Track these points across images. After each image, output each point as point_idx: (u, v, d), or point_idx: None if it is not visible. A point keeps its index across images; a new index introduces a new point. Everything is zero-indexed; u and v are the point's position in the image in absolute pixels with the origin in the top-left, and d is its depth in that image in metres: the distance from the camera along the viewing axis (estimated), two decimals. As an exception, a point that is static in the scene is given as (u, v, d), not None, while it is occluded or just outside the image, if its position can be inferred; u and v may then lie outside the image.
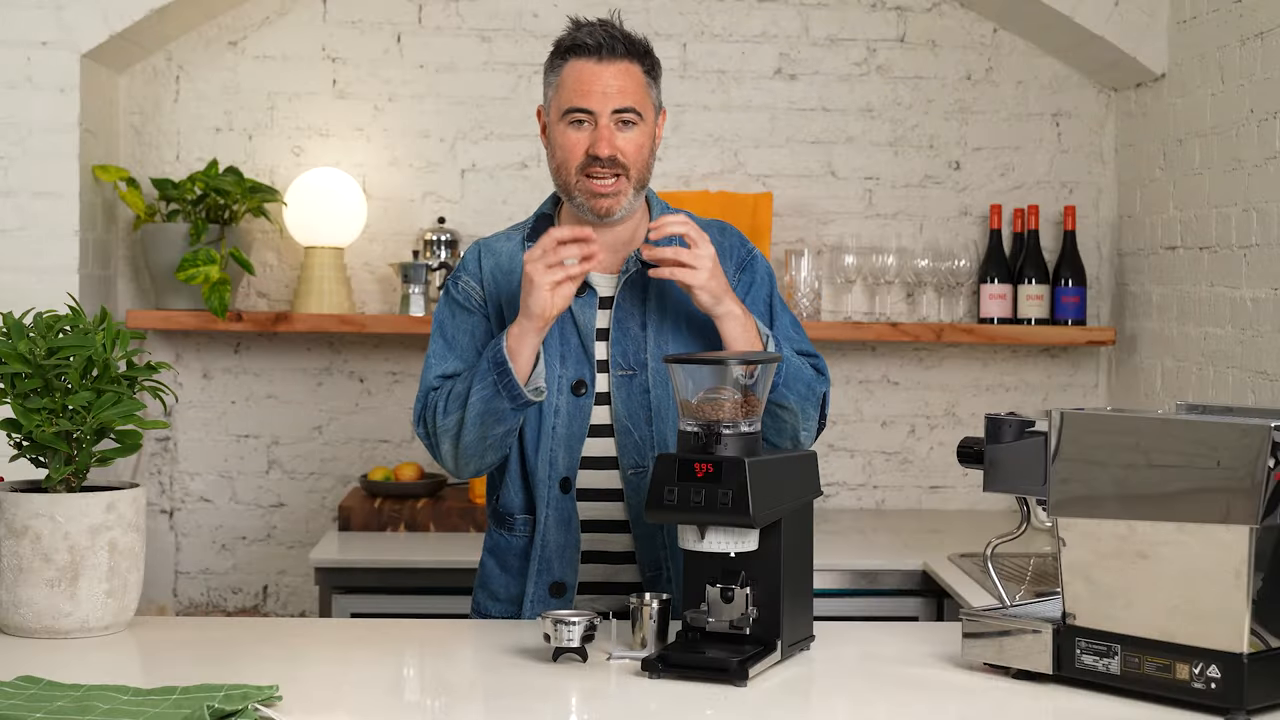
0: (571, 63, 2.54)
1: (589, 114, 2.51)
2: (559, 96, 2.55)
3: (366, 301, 4.16)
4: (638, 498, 2.54)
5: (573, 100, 2.52)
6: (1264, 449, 1.90)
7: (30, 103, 3.75)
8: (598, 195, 2.52)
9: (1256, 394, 3.36)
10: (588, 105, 2.51)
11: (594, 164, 2.51)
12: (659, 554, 2.57)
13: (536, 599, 2.58)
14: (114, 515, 2.33)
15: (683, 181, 4.19)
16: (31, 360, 2.29)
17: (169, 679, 2.05)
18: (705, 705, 2.03)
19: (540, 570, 2.58)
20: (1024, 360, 4.28)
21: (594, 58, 2.52)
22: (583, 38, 2.53)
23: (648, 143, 2.56)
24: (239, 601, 4.17)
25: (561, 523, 2.57)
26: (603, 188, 2.52)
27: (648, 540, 2.57)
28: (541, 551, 2.58)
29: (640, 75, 2.56)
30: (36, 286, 3.70)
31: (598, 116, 2.51)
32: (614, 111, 2.51)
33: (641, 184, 2.57)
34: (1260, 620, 1.95)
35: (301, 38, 4.14)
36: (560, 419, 2.56)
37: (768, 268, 2.68)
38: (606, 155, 2.50)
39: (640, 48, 2.56)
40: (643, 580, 2.58)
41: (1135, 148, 4.10)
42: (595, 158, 2.50)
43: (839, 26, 4.21)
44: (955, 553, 3.49)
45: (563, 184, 2.57)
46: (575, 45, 2.53)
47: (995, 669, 2.18)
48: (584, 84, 2.52)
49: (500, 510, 2.64)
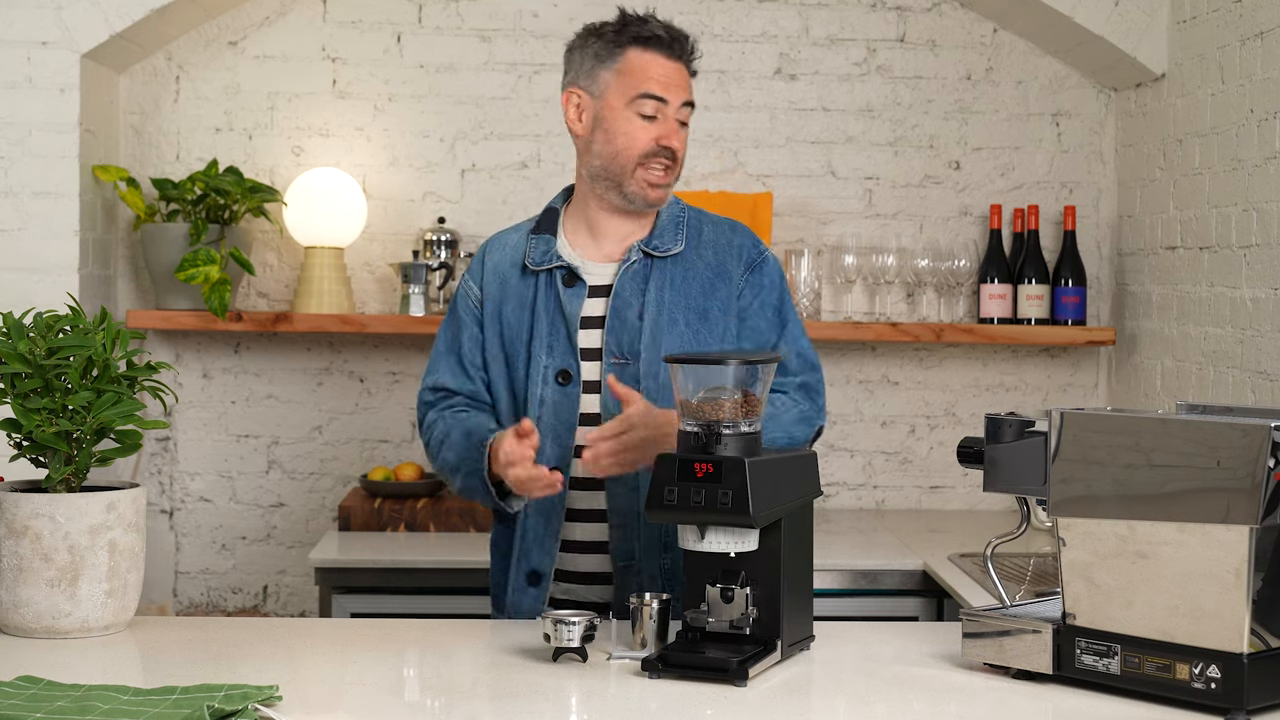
0: (639, 51, 2.58)
1: (663, 103, 2.57)
2: (624, 81, 2.58)
3: (366, 301, 4.16)
4: (618, 488, 2.57)
5: (650, 87, 2.56)
6: (1264, 449, 1.90)
7: (30, 103, 3.75)
8: (655, 186, 2.59)
9: (1256, 394, 3.36)
10: (666, 95, 2.57)
11: (661, 154, 2.58)
12: (632, 545, 2.58)
13: (516, 587, 2.63)
14: (114, 515, 2.33)
15: (683, 181, 4.18)
16: (31, 360, 2.29)
17: (169, 679, 2.05)
18: (705, 705, 2.03)
19: (520, 559, 2.63)
20: (1024, 360, 4.28)
21: (666, 52, 2.59)
22: (655, 30, 2.59)
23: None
24: (239, 601, 4.17)
25: (543, 512, 2.61)
26: (659, 179, 2.59)
27: (622, 532, 2.58)
28: (522, 541, 2.62)
29: (689, 76, 2.64)
30: (36, 286, 3.70)
31: (669, 109, 2.57)
32: (681, 104, 2.60)
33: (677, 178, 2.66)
34: (1260, 620, 1.95)
35: (301, 38, 4.14)
36: (546, 409, 2.58)
37: (779, 271, 2.69)
38: (677, 147, 2.59)
39: (693, 53, 2.65)
40: (613, 571, 2.60)
41: (1135, 148, 4.10)
42: (665, 148, 2.57)
43: (839, 26, 4.21)
44: (955, 553, 3.49)
45: (617, 170, 2.60)
46: (648, 36, 2.58)
47: (995, 669, 2.18)
48: (657, 74, 2.57)
49: None
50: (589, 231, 2.66)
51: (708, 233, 2.67)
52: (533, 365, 2.58)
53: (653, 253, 2.61)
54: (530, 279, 2.64)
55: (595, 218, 2.65)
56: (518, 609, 2.62)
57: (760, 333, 2.64)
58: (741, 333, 2.62)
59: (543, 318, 2.59)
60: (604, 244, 2.65)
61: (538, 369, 2.58)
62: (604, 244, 2.65)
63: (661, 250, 2.61)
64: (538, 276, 2.64)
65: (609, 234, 2.64)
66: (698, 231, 2.66)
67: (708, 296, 2.61)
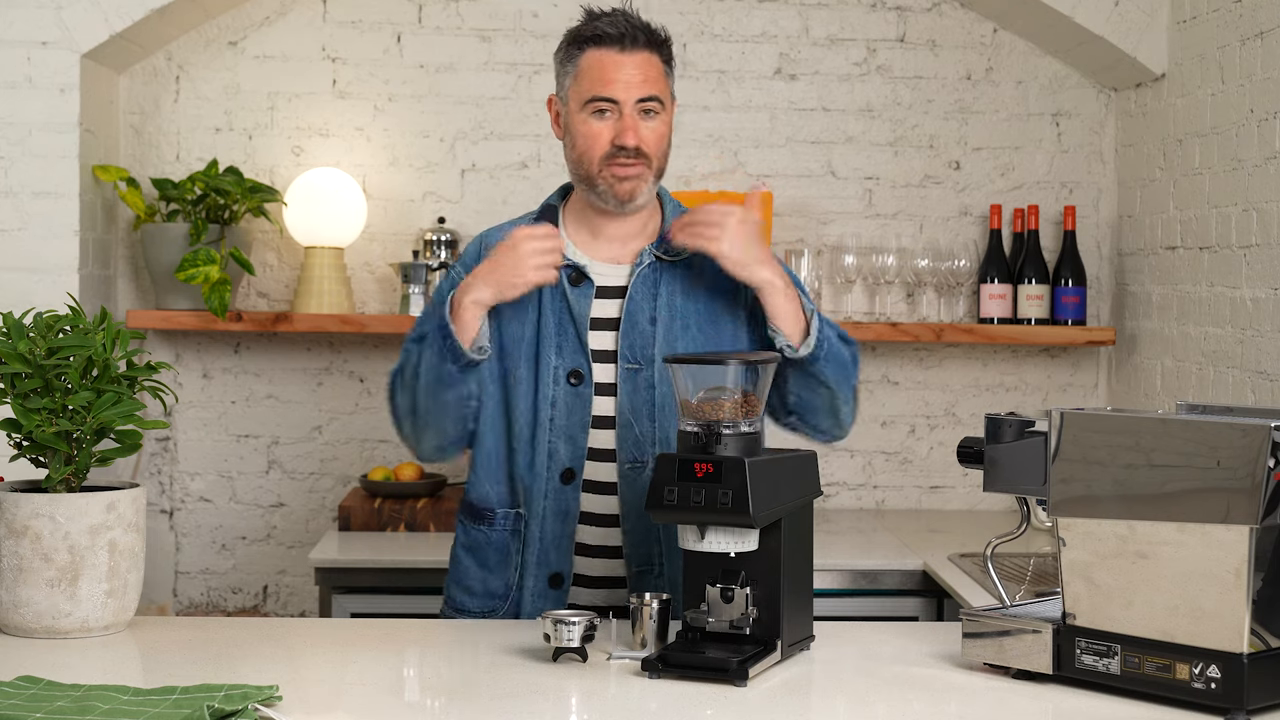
0: (592, 51, 2.53)
1: (613, 104, 2.52)
2: (579, 85, 2.54)
3: (366, 301, 4.16)
4: (631, 493, 2.54)
5: (596, 89, 2.52)
6: (1264, 449, 1.90)
7: (30, 103, 3.75)
8: (622, 179, 2.53)
9: (1256, 394, 3.36)
10: (613, 95, 2.51)
11: (619, 154, 2.52)
12: (650, 549, 2.56)
13: (536, 592, 2.58)
14: (114, 515, 2.33)
15: (683, 181, 4.18)
16: (31, 360, 2.28)
17: (169, 679, 2.05)
18: (705, 705, 2.03)
19: (540, 562, 2.58)
20: (1024, 360, 4.28)
21: (616, 47, 2.52)
22: (604, 27, 2.53)
23: (667, 132, 2.58)
24: (239, 601, 4.17)
25: (559, 514, 2.57)
26: (625, 172, 2.53)
27: (638, 535, 2.56)
28: (540, 544, 2.57)
29: (660, 64, 2.56)
30: (36, 286, 3.70)
31: (622, 106, 2.52)
32: (638, 101, 2.52)
33: (660, 173, 2.58)
34: (1260, 620, 1.95)
35: (301, 38, 4.14)
36: (558, 410, 2.55)
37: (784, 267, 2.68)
38: (632, 145, 2.51)
39: (659, 37, 2.57)
40: (628, 575, 2.58)
41: (1135, 148, 4.10)
42: (621, 148, 2.51)
43: (839, 26, 4.22)
44: (955, 553, 3.49)
45: (585, 174, 2.56)
46: (597, 35, 2.53)
47: (995, 669, 2.18)
48: (608, 73, 2.51)
49: (477, 505, 2.63)
50: (590, 232, 2.63)
51: None
52: (541, 365, 2.56)
53: (664, 257, 2.60)
54: None
55: (593, 218, 2.63)
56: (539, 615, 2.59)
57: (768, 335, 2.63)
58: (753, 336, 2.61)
59: (549, 316, 2.56)
60: (607, 245, 2.62)
61: (548, 369, 2.55)
62: (607, 245, 2.62)
63: (672, 255, 2.60)
64: None
65: (610, 235, 2.62)
66: None
67: (715, 300, 2.60)
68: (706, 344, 2.57)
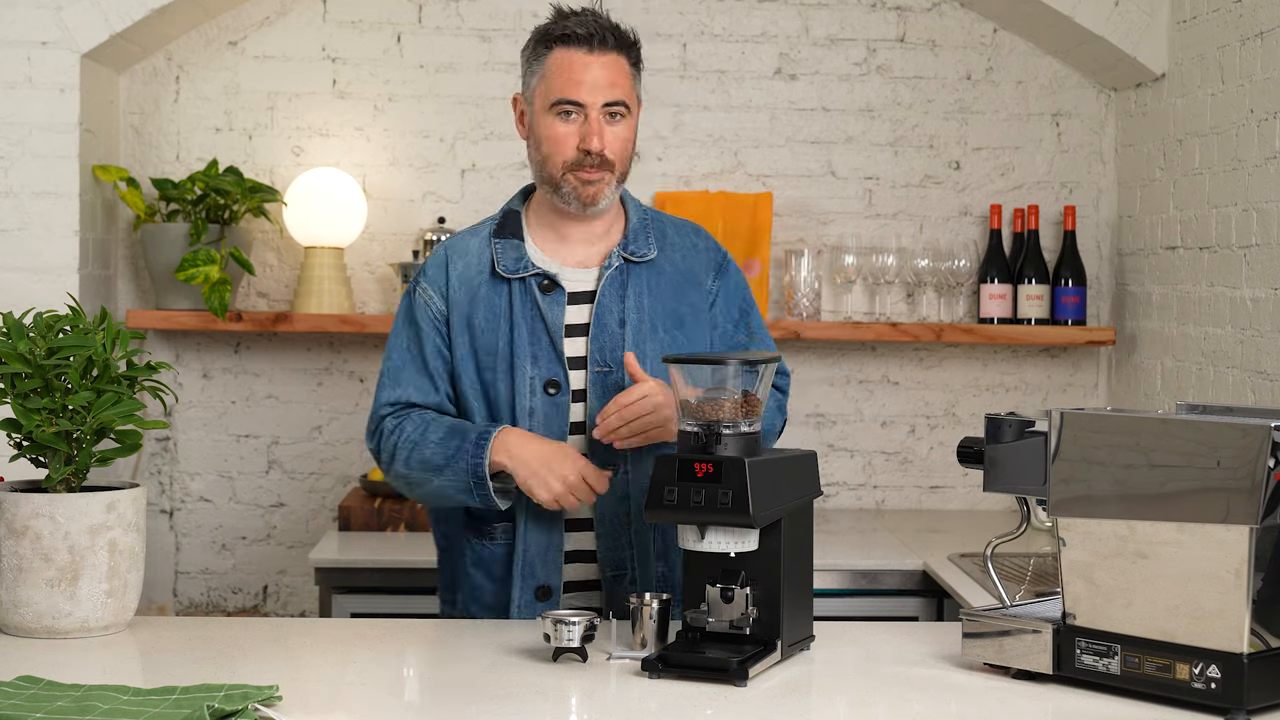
0: (559, 51, 2.51)
1: (579, 107, 2.50)
2: (545, 86, 2.52)
3: (366, 301, 4.16)
4: (603, 497, 2.52)
5: (563, 91, 2.50)
6: (1264, 449, 1.90)
7: (30, 103, 3.75)
8: (587, 183, 2.51)
9: (1256, 394, 3.36)
10: (579, 98, 2.49)
11: (585, 159, 2.50)
12: (622, 555, 2.56)
13: (523, 604, 2.56)
14: (114, 515, 2.33)
15: (683, 181, 4.19)
16: (31, 360, 2.29)
17: (169, 679, 2.05)
18: (705, 705, 2.03)
19: (525, 575, 2.55)
20: (1024, 360, 4.28)
21: (584, 48, 2.50)
22: (573, 26, 2.50)
23: (632, 136, 2.56)
24: (239, 601, 4.17)
25: (542, 525, 2.55)
26: (590, 176, 2.51)
27: (610, 540, 2.56)
28: (524, 557, 2.55)
29: (627, 67, 2.54)
30: (36, 286, 3.70)
31: (588, 110, 2.49)
32: (604, 105, 2.50)
33: (623, 177, 2.57)
34: (1260, 620, 1.95)
35: (301, 38, 4.14)
36: (536, 421, 2.53)
37: (739, 274, 2.70)
38: (598, 150, 2.49)
39: (628, 39, 2.55)
40: (602, 579, 2.57)
41: (1135, 148, 4.10)
42: (586, 152, 2.49)
43: (839, 26, 4.21)
44: (955, 553, 3.49)
45: (549, 176, 2.54)
46: (565, 34, 2.50)
47: (995, 669, 2.18)
48: (575, 75, 2.49)
49: (477, 521, 2.61)
50: (556, 235, 2.60)
51: (672, 236, 2.64)
52: (518, 376, 2.52)
53: (631, 258, 2.58)
54: (502, 286, 2.56)
55: (557, 221, 2.59)
56: None
57: (729, 335, 2.64)
58: (713, 338, 2.62)
59: (522, 326, 2.53)
60: (574, 249, 2.59)
61: (524, 380, 2.52)
62: (574, 249, 2.59)
63: (638, 256, 2.58)
64: (510, 284, 2.56)
65: (576, 238, 2.59)
66: (663, 236, 2.63)
67: (680, 301, 2.59)
68: (674, 345, 2.57)
